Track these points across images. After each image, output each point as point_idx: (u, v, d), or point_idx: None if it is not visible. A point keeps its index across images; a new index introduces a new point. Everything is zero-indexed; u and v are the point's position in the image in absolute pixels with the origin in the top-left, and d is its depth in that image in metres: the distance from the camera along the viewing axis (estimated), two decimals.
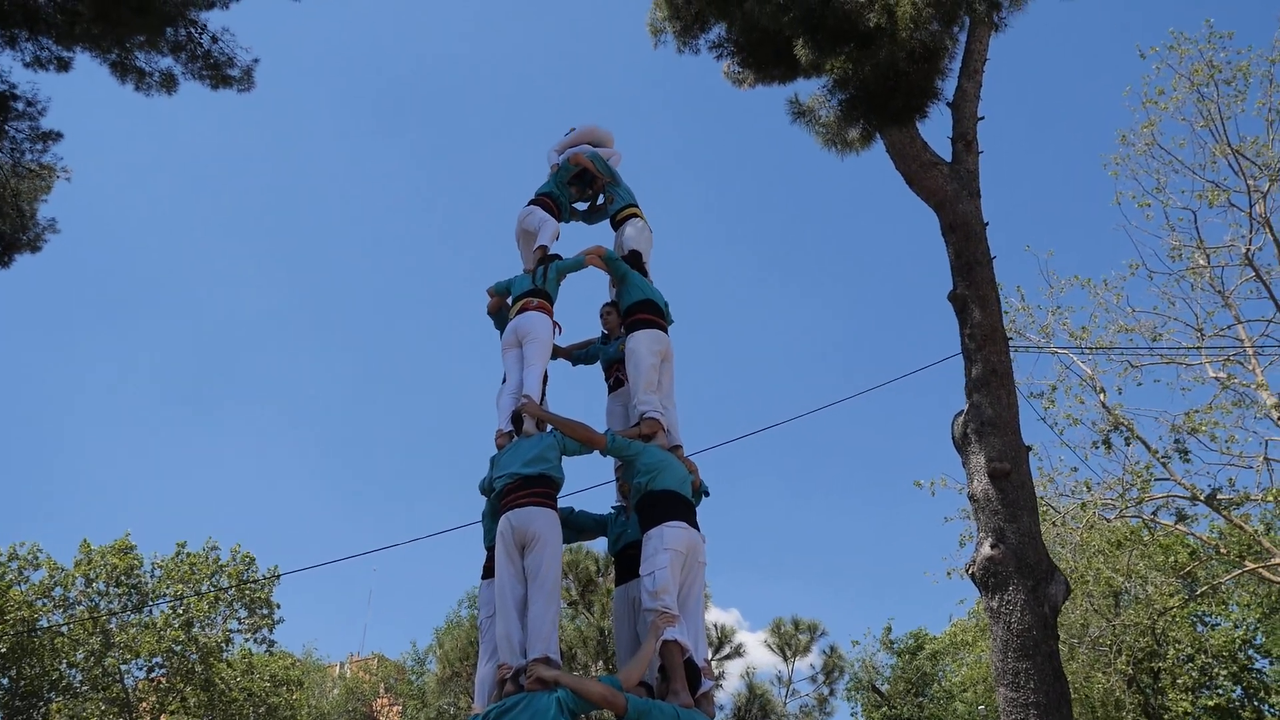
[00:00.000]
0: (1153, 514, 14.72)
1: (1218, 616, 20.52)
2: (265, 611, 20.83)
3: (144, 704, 19.80)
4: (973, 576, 7.45)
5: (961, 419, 7.96)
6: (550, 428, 5.39)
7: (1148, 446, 14.25)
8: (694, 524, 5.11)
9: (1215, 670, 19.09)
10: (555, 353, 6.34)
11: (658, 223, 7.15)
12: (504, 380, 6.06)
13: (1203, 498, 13.82)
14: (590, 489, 6.92)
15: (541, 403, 5.63)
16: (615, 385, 6.32)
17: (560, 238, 6.67)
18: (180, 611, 19.68)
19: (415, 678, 29.69)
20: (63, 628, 18.95)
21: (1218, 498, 13.75)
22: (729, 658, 20.23)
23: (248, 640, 20.86)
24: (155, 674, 19.92)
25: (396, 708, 28.29)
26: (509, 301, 6.23)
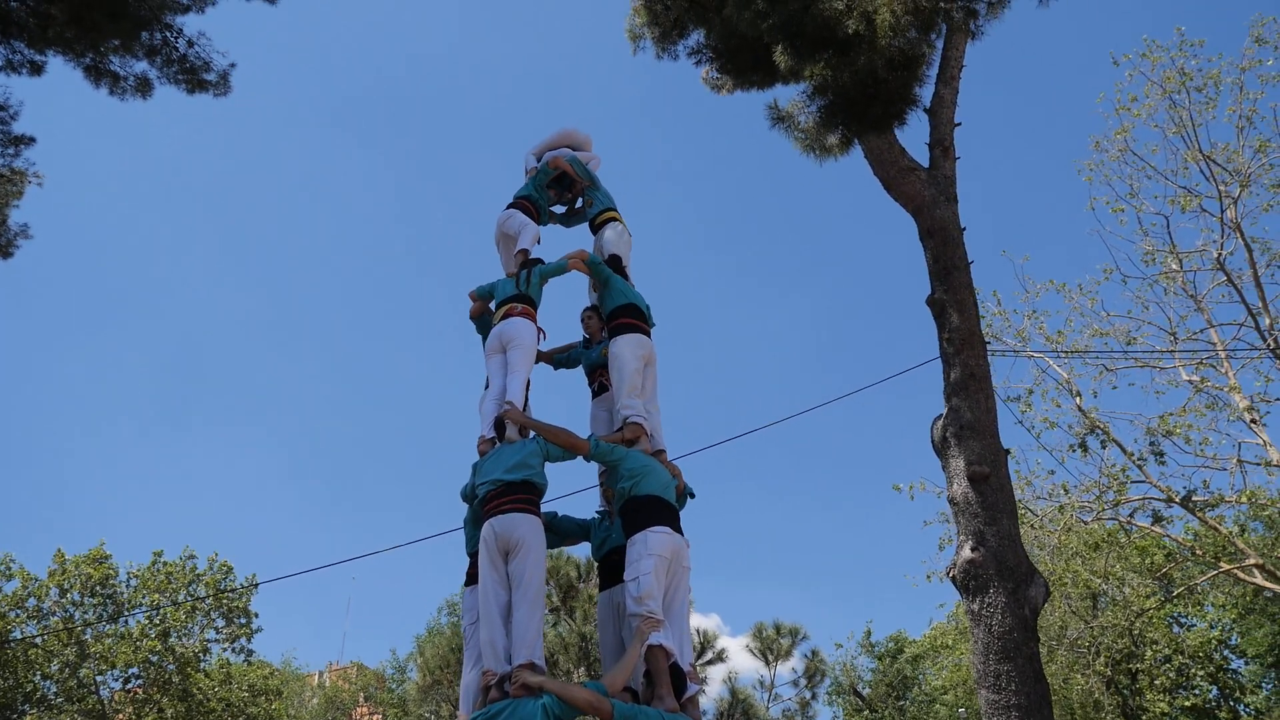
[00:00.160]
0: (1129, 516, 14.87)
1: (1194, 617, 20.77)
2: (243, 621, 20.60)
3: (120, 715, 19.52)
4: (953, 579, 7.50)
5: (941, 423, 8.01)
6: (533, 434, 5.37)
7: (1123, 449, 14.42)
8: (678, 529, 5.11)
9: (1192, 671, 19.31)
10: (538, 357, 6.28)
11: (637, 227, 7.17)
12: (486, 386, 6.04)
13: (1178, 500, 13.97)
14: (573, 494, 6.92)
15: (525, 409, 5.61)
16: (599, 390, 6.30)
17: (540, 241, 6.66)
18: (157, 621, 19.44)
19: (395, 686, 29.48)
20: (36, 639, 18.67)
21: (1193, 500, 13.91)
22: (711, 663, 20.25)
23: (225, 650, 20.63)
24: (131, 685, 19.65)
25: (377, 716, 28.09)
26: (492, 306, 6.20)
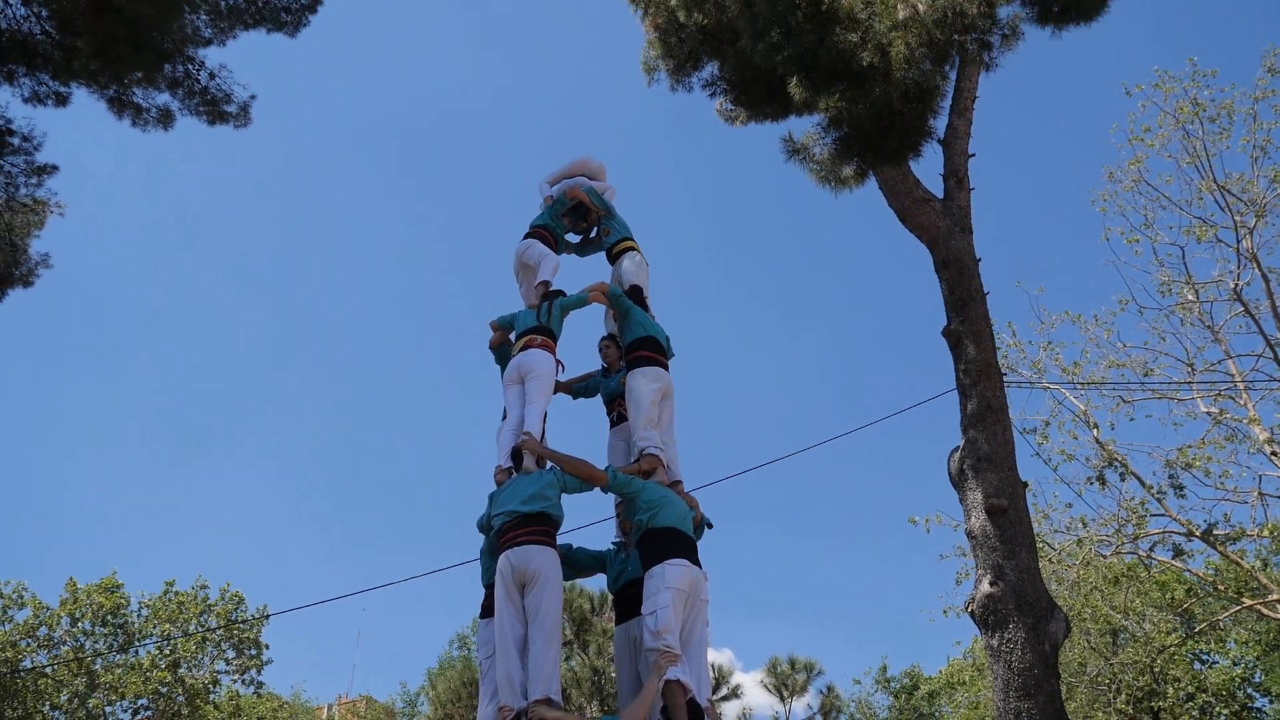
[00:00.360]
0: (1149, 550, 14.66)
1: (1216, 654, 20.39)
2: (253, 652, 20.49)
3: None
4: (972, 614, 7.40)
5: (958, 455, 7.94)
6: (550, 465, 5.35)
7: (1142, 482, 14.25)
8: (696, 561, 5.07)
9: (1215, 709, 18.93)
10: (556, 388, 6.26)
11: (649, 258, 7.18)
12: (504, 416, 6.03)
13: (1198, 534, 13.78)
14: (589, 525, 6.88)
15: (542, 440, 5.60)
16: (617, 420, 6.29)
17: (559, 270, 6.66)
18: (167, 652, 19.36)
19: (405, 719, 29.21)
20: (47, 668, 18.61)
21: (1213, 533, 13.72)
22: (726, 699, 20.04)
23: (235, 681, 20.51)
24: (141, 716, 19.53)
25: None
26: (511, 337, 6.21)
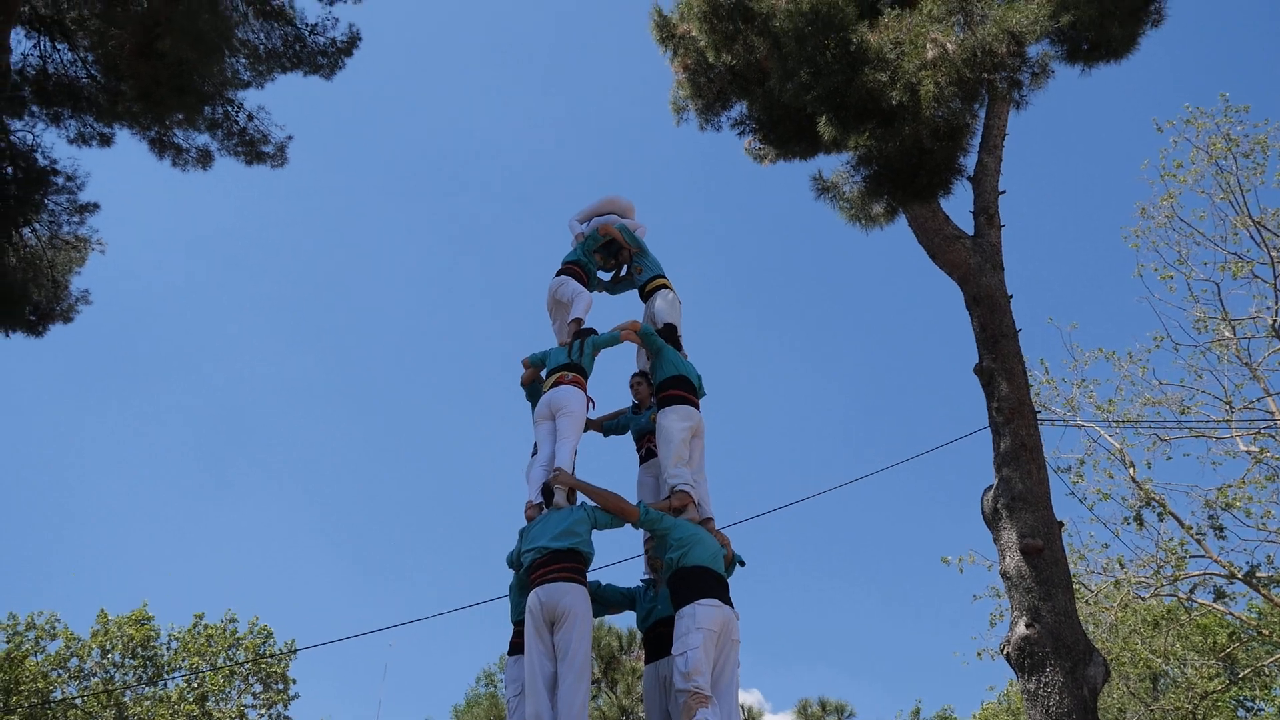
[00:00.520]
0: (1189, 593, 14.36)
1: (1261, 701, 19.81)
2: (280, 687, 20.52)
3: None
4: (1007, 657, 7.28)
5: (991, 494, 7.87)
6: (581, 501, 5.37)
7: (1181, 523, 13.99)
8: (727, 600, 5.04)
9: None
10: (586, 425, 6.29)
11: (679, 296, 7.22)
12: (534, 452, 6.06)
13: (1240, 576, 13.48)
14: (618, 563, 6.85)
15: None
16: (646, 456, 6.30)
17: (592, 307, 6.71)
18: (195, 685, 19.44)
19: None
20: (76, 700, 18.74)
21: (1256, 576, 13.41)
22: None
23: (262, 716, 20.52)
24: None
25: None
26: (543, 374, 6.26)
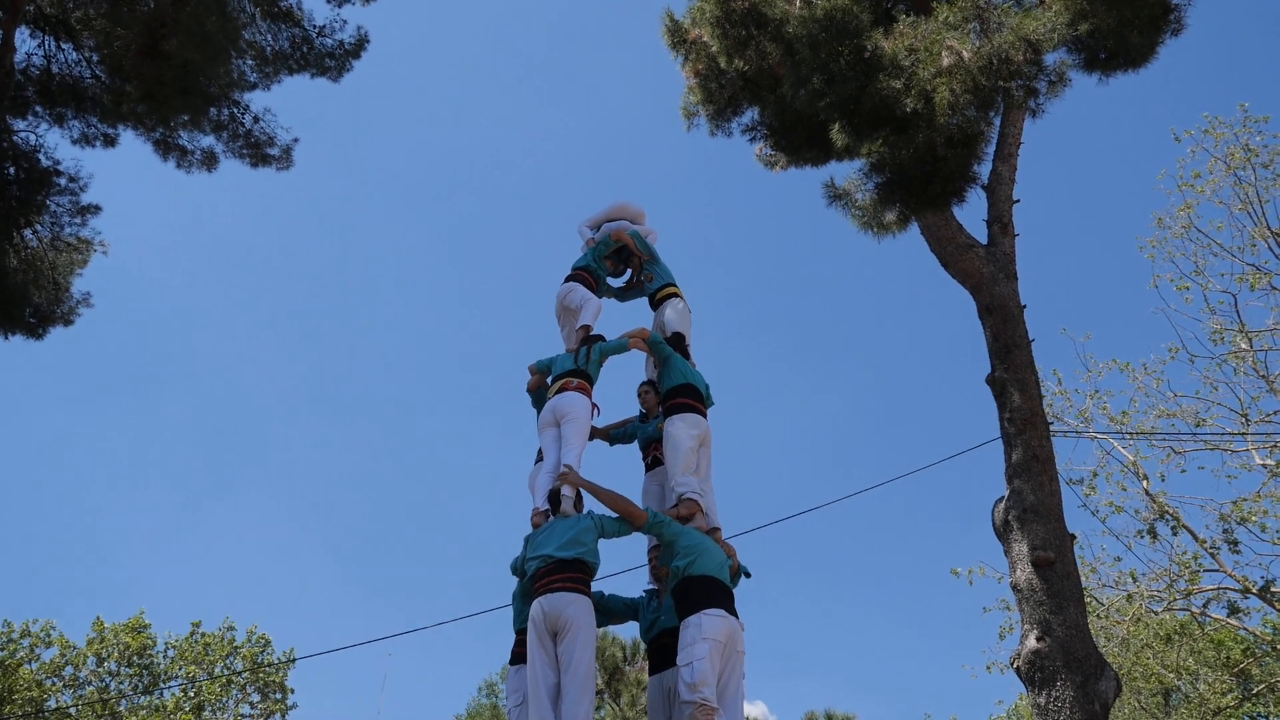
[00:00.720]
0: (1202, 607, 14.32)
1: (1275, 717, 19.72)
2: (278, 696, 20.49)
3: None
4: (1017, 670, 7.27)
5: (1002, 505, 7.86)
6: (588, 510, 5.39)
7: (1195, 536, 13.95)
8: (733, 611, 5.05)
9: None
10: (592, 434, 6.32)
11: (697, 304, 7.24)
12: (538, 460, 6.08)
13: (1255, 590, 13.44)
14: (621, 573, 6.86)
15: None
16: (652, 464, 6.32)
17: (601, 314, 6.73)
18: (192, 694, 19.44)
19: None
20: (71, 709, 18.74)
21: (1271, 591, 13.37)
22: None
23: None
24: None
25: None
26: (549, 381, 6.27)
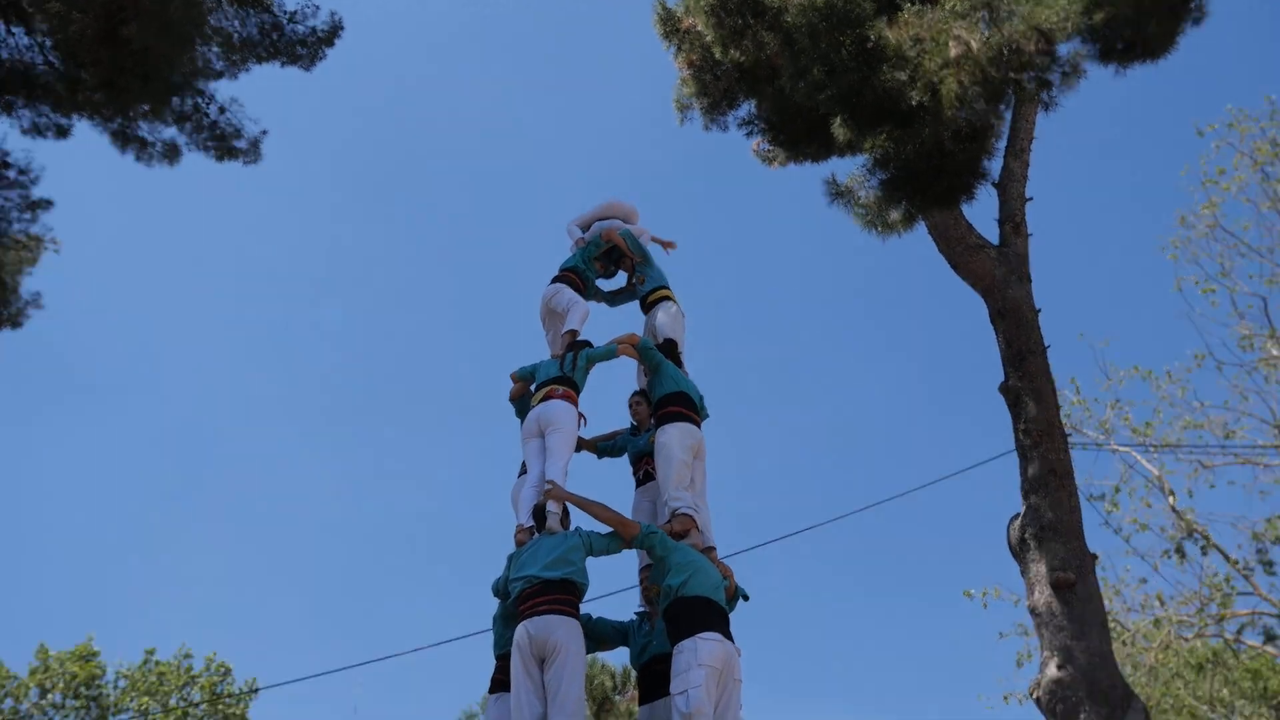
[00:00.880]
0: (1237, 633, 14.51)
1: None
2: None
3: None
4: (1037, 701, 7.37)
5: (1018, 523, 7.95)
6: (576, 526, 5.47)
7: (1226, 556, 14.14)
8: (729, 635, 5.09)
9: None
10: (580, 445, 6.41)
11: (688, 307, 7.38)
12: (521, 473, 6.17)
13: None
14: (610, 595, 6.98)
15: None
16: (644, 479, 6.39)
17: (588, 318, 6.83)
18: None
19: None
20: None
21: None
22: None
23: None
24: None
25: None
26: (532, 389, 6.34)
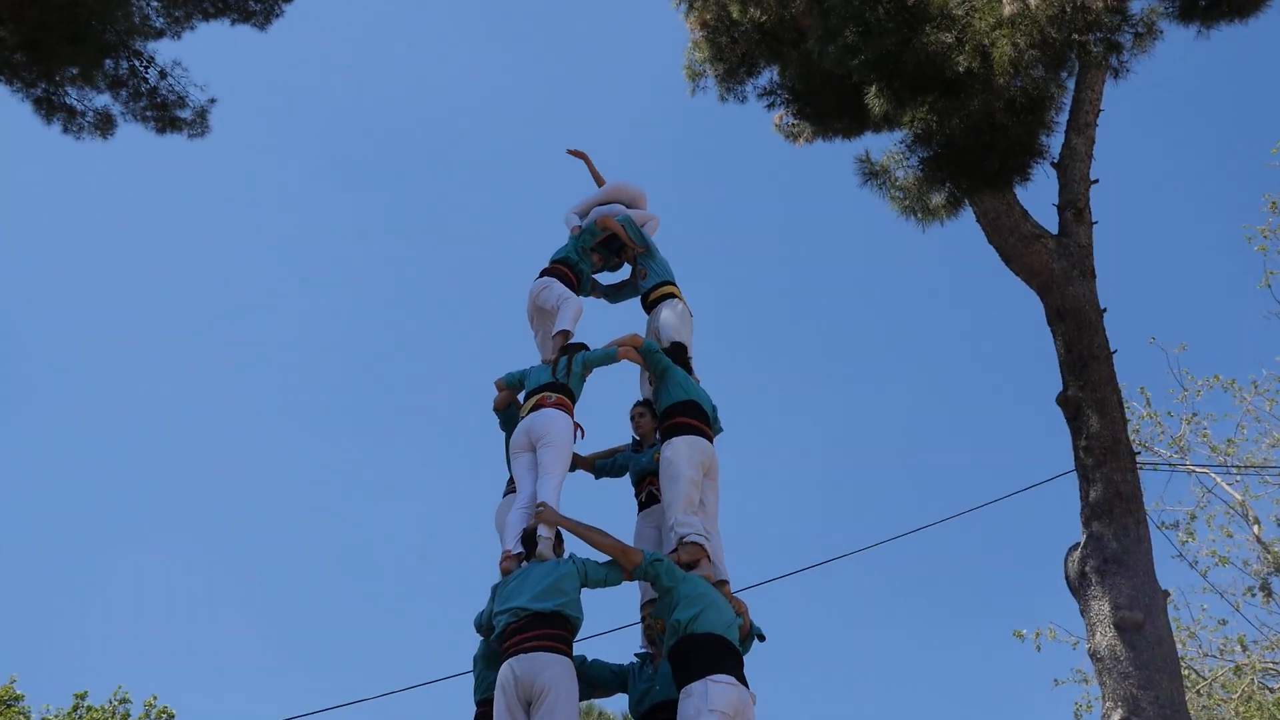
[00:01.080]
0: None
1: None
2: None
3: None
4: None
5: (1078, 554, 7.95)
6: (570, 553, 5.42)
7: None
8: (743, 679, 5.06)
9: None
10: (575, 462, 6.36)
11: (692, 306, 7.28)
12: (508, 492, 6.13)
13: None
14: (608, 632, 6.88)
15: None
16: (647, 501, 6.36)
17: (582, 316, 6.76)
18: None
19: None
20: None
21: None
22: None
23: None
24: None
25: None
26: (521, 397, 6.30)
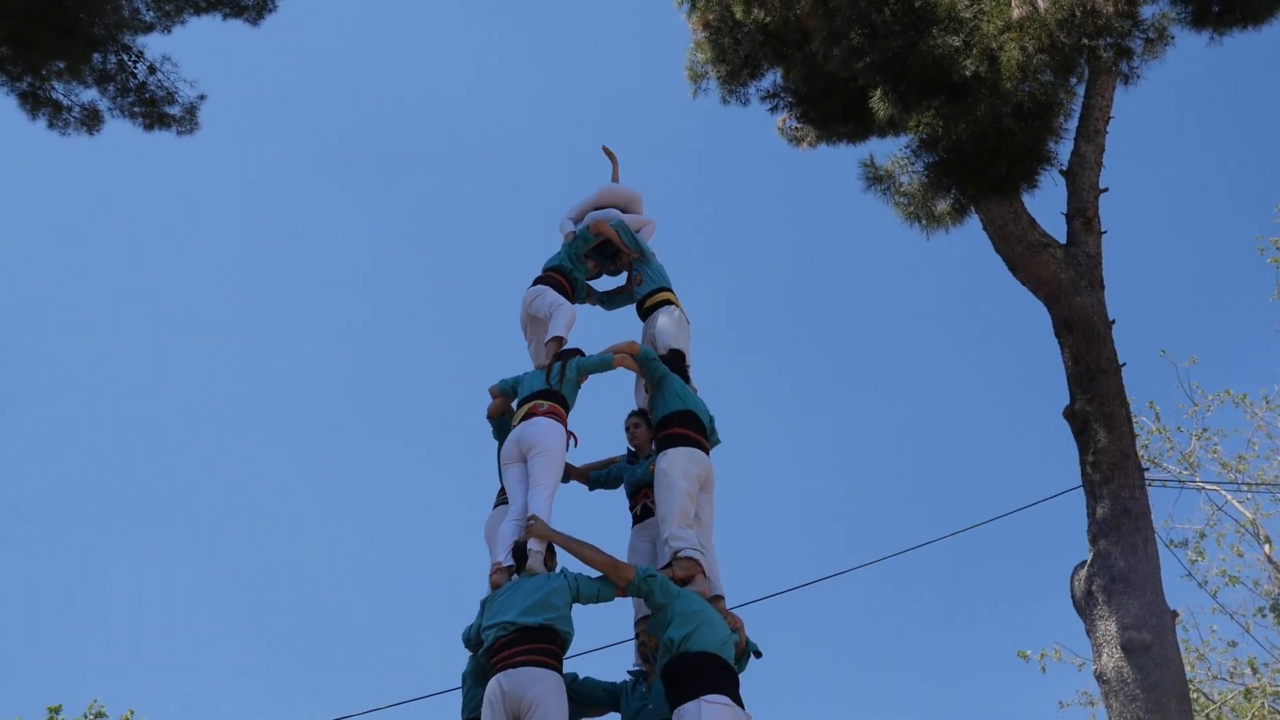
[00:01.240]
0: None
1: None
2: None
3: None
4: None
5: (1084, 573, 7.94)
6: (561, 567, 5.43)
7: None
8: (738, 699, 5.06)
9: None
10: (568, 473, 6.41)
11: (689, 314, 7.30)
12: (498, 503, 6.14)
13: None
14: (598, 650, 6.89)
15: None
16: (642, 515, 6.36)
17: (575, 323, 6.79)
18: None
19: None
20: None
21: None
22: None
23: None
24: None
25: None
26: (514, 405, 6.32)
